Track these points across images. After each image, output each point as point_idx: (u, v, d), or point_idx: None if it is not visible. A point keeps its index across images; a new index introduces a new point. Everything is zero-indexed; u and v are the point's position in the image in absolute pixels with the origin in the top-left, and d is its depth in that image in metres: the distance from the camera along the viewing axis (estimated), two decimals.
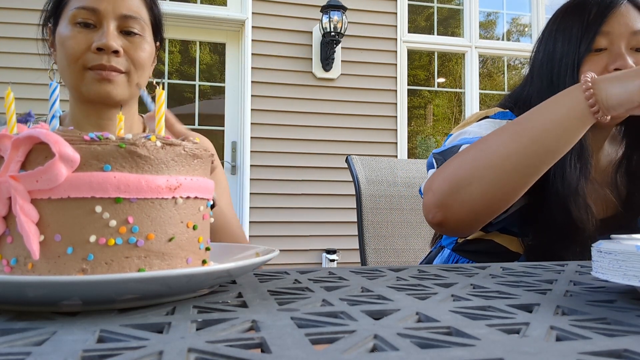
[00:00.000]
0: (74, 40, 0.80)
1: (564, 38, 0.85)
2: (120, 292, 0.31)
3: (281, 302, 0.35)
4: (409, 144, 3.76)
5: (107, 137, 0.34)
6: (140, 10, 0.84)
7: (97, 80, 0.80)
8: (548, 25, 0.91)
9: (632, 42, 0.82)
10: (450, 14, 4.30)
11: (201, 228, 0.40)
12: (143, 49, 0.84)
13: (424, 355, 0.22)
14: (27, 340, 0.25)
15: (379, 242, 1.29)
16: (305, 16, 3.48)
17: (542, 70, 0.89)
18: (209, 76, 3.75)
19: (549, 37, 0.89)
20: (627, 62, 0.80)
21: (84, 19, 0.80)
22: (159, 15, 0.91)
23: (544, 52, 0.89)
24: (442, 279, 0.48)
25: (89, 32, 0.80)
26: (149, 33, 0.87)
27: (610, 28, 0.82)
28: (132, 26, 0.83)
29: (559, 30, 0.87)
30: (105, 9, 0.80)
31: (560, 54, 0.85)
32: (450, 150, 0.81)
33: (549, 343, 0.25)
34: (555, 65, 0.85)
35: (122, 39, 0.82)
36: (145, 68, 0.86)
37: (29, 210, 0.33)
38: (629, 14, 0.83)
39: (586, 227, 0.79)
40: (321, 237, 3.39)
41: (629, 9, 0.83)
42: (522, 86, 0.95)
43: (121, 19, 0.81)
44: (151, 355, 0.22)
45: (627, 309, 0.34)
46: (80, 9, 0.80)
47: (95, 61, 0.79)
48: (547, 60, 0.88)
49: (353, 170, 1.33)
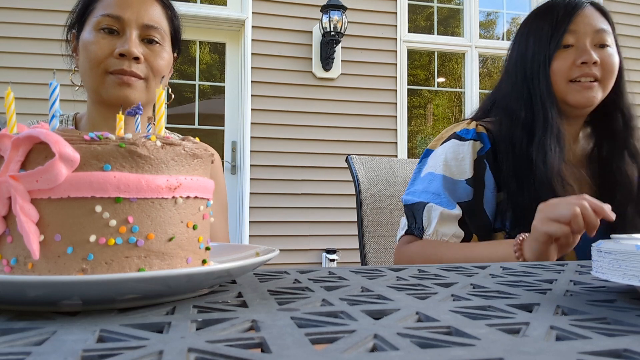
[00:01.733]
0: (97, 45, 0.84)
1: (535, 38, 0.95)
2: (120, 292, 0.31)
3: (281, 302, 0.35)
4: (409, 143, 3.76)
5: (107, 137, 0.34)
6: (161, 20, 0.89)
7: (118, 84, 0.84)
8: (520, 28, 1.01)
9: (595, 39, 0.93)
10: (450, 14, 4.30)
11: (201, 228, 0.40)
12: (162, 57, 0.88)
13: (424, 355, 0.22)
14: (27, 340, 0.25)
15: (379, 242, 1.28)
16: (305, 16, 3.48)
17: (516, 68, 0.97)
18: (209, 76, 3.75)
19: (521, 38, 0.99)
20: (592, 56, 0.90)
21: (108, 25, 0.84)
22: (178, 27, 0.96)
23: (517, 51, 0.99)
24: (442, 278, 0.48)
25: (112, 39, 0.84)
26: (168, 43, 0.92)
27: (576, 27, 0.92)
28: (153, 35, 0.87)
29: (530, 31, 0.97)
30: (129, 18, 0.84)
31: (532, 52, 0.94)
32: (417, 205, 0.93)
33: (549, 343, 0.25)
34: (528, 62, 0.95)
35: (143, 46, 0.86)
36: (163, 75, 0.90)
37: (29, 210, 0.33)
38: (592, 14, 0.94)
39: None
40: (321, 236, 3.39)
41: (592, 10, 0.94)
42: (498, 86, 1.04)
43: (143, 28, 0.86)
44: (151, 355, 0.22)
45: (627, 308, 0.34)
46: (106, 16, 0.84)
47: (116, 66, 0.83)
48: (520, 58, 0.97)
49: (353, 170, 1.33)
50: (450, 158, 0.94)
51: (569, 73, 0.92)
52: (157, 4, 0.90)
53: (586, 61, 0.90)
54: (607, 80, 0.93)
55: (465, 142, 0.94)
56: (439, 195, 0.92)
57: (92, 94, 0.88)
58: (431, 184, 0.94)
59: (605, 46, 0.93)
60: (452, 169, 0.93)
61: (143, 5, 0.86)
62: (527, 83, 0.94)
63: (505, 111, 0.96)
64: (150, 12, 0.87)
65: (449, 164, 0.94)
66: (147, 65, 0.86)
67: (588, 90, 0.91)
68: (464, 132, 0.96)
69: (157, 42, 0.88)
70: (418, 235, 0.92)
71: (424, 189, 0.94)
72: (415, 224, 0.92)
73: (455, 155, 0.94)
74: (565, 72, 0.91)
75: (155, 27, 0.87)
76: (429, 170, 0.96)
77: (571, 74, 0.92)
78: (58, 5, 3.07)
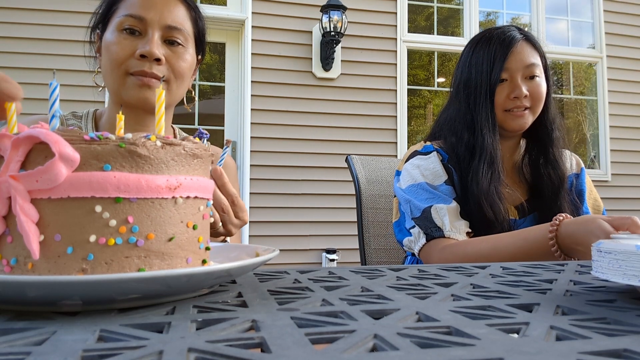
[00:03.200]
0: (119, 46, 0.83)
1: (477, 69, 1.09)
2: (120, 292, 0.31)
3: (281, 302, 0.35)
4: (409, 143, 3.75)
5: (107, 137, 0.34)
6: (184, 22, 0.88)
7: (138, 86, 0.83)
8: (463, 53, 1.15)
9: (526, 73, 1.07)
10: (450, 14, 4.30)
11: (201, 228, 0.40)
12: (184, 60, 0.87)
13: (424, 355, 0.22)
14: (27, 340, 0.25)
15: (379, 242, 1.28)
16: (305, 16, 3.48)
17: (459, 95, 1.12)
18: (209, 76, 3.75)
19: (464, 65, 1.13)
20: (522, 91, 1.05)
21: (131, 25, 0.83)
22: (202, 29, 0.94)
23: (460, 78, 1.13)
24: (442, 278, 0.48)
25: (134, 39, 0.83)
26: (192, 45, 0.90)
27: (509, 64, 1.06)
28: (176, 37, 0.86)
29: (471, 62, 1.11)
30: (152, 19, 0.83)
31: (474, 82, 1.09)
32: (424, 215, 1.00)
33: (549, 343, 0.25)
34: (471, 92, 1.09)
35: (165, 48, 0.85)
36: (185, 78, 0.89)
37: (28, 210, 0.33)
38: (523, 50, 1.07)
39: (494, 221, 1.00)
40: (321, 236, 3.39)
41: (523, 46, 1.08)
42: (445, 110, 1.18)
43: (166, 29, 0.85)
44: (151, 355, 0.22)
45: (627, 308, 0.34)
46: (128, 16, 0.83)
47: (137, 67, 0.82)
48: (464, 86, 1.11)
49: (353, 170, 1.33)
50: (423, 168, 1.06)
51: (504, 104, 1.07)
52: (181, 5, 0.88)
53: (517, 96, 1.06)
54: (536, 107, 1.09)
55: (430, 155, 1.09)
56: (434, 195, 1.02)
57: (113, 95, 0.87)
58: (419, 191, 1.04)
59: (535, 77, 1.08)
60: (429, 177, 1.05)
61: (166, 6, 0.85)
62: (469, 111, 1.09)
63: (451, 131, 1.11)
64: (173, 13, 0.86)
65: (424, 174, 1.06)
66: (168, 67, 0.85)
67: (520, 118, 1.07)
68: (424, 148, 1.11)
69: (180, 43, 0.86)
70: (440, 236, 0.99)
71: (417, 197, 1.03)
72: (431, 227, 0.99)
73: (425, 165, 1.07)
74: (501, 104, 1.08)
75: (178, 28, 0.85)
76: (408, 183, 1.06)
77: (506, 106, 1.07)
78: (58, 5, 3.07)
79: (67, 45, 3.02)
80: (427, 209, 1.00)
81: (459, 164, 1.07)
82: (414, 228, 1.02)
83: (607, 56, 4.06)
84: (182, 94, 0.91)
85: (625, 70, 4.10)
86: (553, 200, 1.09)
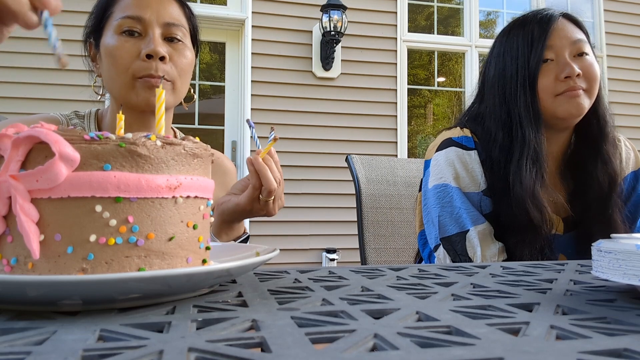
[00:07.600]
0: (122, 49, 0.83)
1: (512, 58, 0.94)
2: (121, 292, 0.31)
3: (281, 302, 0.35)
4: (409, 143, 3.76)
5: (107, 137, 0.34)
6: (180, 18, 0.88)
7: (147, 88, 0.83)
8: (494, 47, 1.01)
9: (574, 50, 0.93)
10: (450, 13, 4.29)
11: (201, 227, 0.40)
12: (185, 55, 0.88)
13: (424, 354, 0.22)
14: (27, 339, 0.25)
15: (379, 242, 1.28)
16: (305, 15, 3.48)
17: (493, 90, 0.97)
18: (209, 75, 3.75)
19: (497, 57, 0.98)
20: (574, 69, 0.90)
21: (130, 27, 0.83)
22: (196, 25, 0.95)
23: (494, 71, 0.98)
24: (442, 278, 0.48)
25: (136, 41, 0.83)
26: (189, 41, 0.91)
27: (553, 41, 0.92)
28: (175, 33, 0.86)
29: (505, 51, 0.96)
30: (150, 18, 0.84)
31: (510, 72, 0.94)
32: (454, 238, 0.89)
33: (549, 342, 0.25)
34: (507, 82, 0.94)
35: (166, 45, 0.85)
36: (187, 75, 0.90)
37: (29, 210, 0.33)
38: (566, 26, 0.94)
39: (542, 225, 0.87)
40: (321, 236, 3.39)
41: (565, 22, 0.95)
42: (474, 104, 1.04)
43: (165, 26, 0.85)
44: (151, 355, 0.22)
45: (627, 308, 0.34)
46: (126, 18, 0.83)
47: (144, 71, 0.82)
48: (497, 79, 0.96)
49: (353, 170, 1.32)
50: (459, 168, 0.92)
51: (555, 89, 0.91)
52: (175, 2, 0.89)
53: (569, 75, 0.89)
54: (592, 90, 0.93)
55: (471, 152, 0.93)
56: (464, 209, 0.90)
57: (119, 99, 0.86)
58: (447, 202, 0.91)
59: (584, 54, 0.93)
60: (464, 181, 0.91)
61: (161, 4, 0.86)
62: (506, 105, 0.94)
63: (484, 130, 0.96)
64: (169, 11, 0.86)
65: (459, 175, 0.92)
66: (172, 66, 0.85)
67: (576, 99, 0.90)
68: (463, 139, 0.95)
69: (180, 40, 0.87)
70: None
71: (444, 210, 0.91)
72: (459, 255, 0.89)
73: (463, 165, 0.92)
74: (550, 88, 0.91)
75: (177, 24, 0.86)
76: (438, 182, 0.92)
77: (557, 89, 0.91)
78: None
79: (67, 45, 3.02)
80: (458, 235, 0.89)
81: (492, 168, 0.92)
82: (438, 248, 0.91)
83: (608, 55, 4.06)
84: (185, 91, 0.91)
85: (625, 70, 4.10)
86: (601, 211, 0.93)
